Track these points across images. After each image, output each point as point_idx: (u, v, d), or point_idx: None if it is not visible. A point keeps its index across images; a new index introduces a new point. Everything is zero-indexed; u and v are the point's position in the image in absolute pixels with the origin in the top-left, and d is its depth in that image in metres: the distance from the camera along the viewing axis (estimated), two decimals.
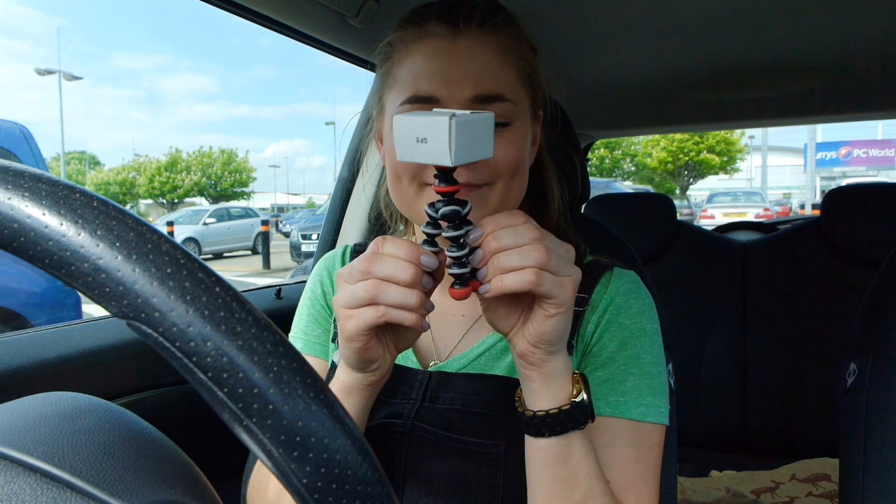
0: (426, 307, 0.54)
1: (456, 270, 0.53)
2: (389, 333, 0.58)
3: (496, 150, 0.62)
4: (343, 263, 0.83)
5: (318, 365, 0.77)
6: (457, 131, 0.49)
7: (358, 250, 0.85)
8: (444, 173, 0.53)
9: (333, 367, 0.74)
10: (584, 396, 0.55)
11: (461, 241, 0.53)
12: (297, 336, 0.79)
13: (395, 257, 0.52)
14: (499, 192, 0.65)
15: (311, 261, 1.72)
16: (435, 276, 0.55)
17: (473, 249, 0.53)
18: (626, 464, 0.63)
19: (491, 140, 0.53)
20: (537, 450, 0.56)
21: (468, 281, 0.54)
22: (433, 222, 0.55)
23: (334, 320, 0.78)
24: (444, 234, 0.54)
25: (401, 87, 0.65)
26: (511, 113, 0.64)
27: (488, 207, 0.65)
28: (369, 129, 0.79)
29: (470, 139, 0.50)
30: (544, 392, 0.55)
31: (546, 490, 0.56)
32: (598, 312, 0.69)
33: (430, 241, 0.56)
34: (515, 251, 0.50)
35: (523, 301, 0.55)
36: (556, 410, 0.55)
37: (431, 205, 0.55)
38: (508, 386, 0.66)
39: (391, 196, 0.70)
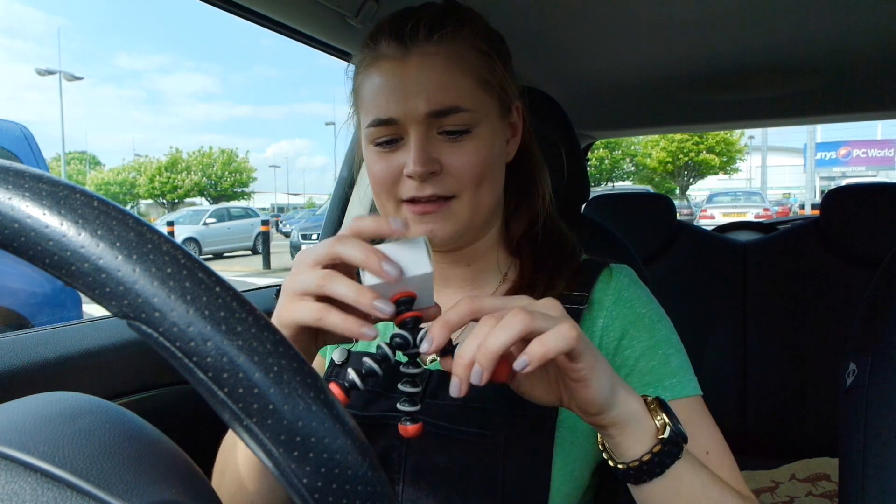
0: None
1: (408, 408, 0.51)
2: (322, 332, 0.55)
3: (458, 160, 0.64)
4: None
5: (319, 362, 0.78)
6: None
7: None
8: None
9: (332, 364, 0.75)
10: (670, 428, 0.50)
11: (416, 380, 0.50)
12: None
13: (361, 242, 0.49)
14: (467, 202, 0.66)
15: None
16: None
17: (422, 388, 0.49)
18: (710, 433, 0.64)
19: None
20: (647, 494, 0.53)
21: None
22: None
23: None
24: (404, 370, 0.51)
25: (365, 109, 0.67)
26: (469, 121, 0.64)
27: (460, 220, 0.66)
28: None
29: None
30: (628, 442, 0.51)
31: None
32: (606, 307, 0.70)
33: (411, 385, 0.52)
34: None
35: (549, 371, 0.51)
36: (648, 456, 0.50)
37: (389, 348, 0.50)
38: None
39: (377, 207, 0.72)
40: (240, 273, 12.13)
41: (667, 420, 0.50)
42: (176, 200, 33.49)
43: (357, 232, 0.50)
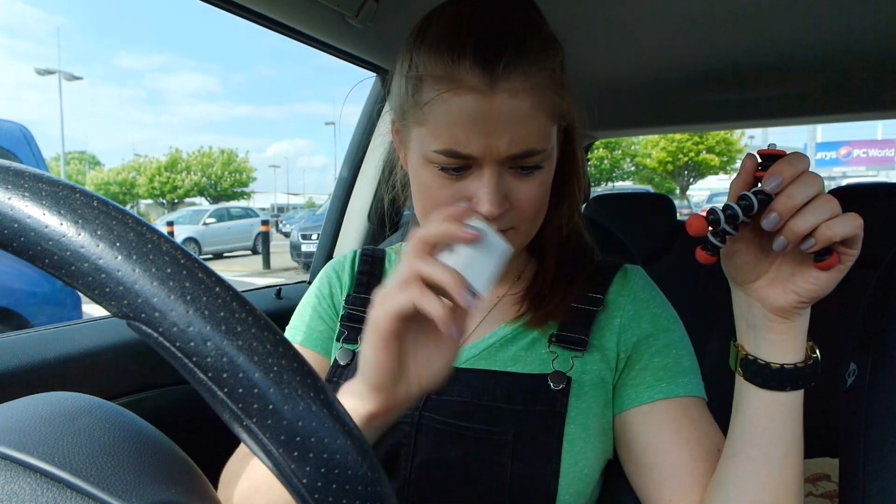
0: (461, 317, 0.50)
1: (716, 241, 0.54)
2: (419, 357, 0.52)
3: (525, 194, 0.63)
4: (352, 266, 0.83)
5: (317, 359, 0.77)
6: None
7: (366, 253, 0.84)
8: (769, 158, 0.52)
9: (336, 365, 0.74)
10: (816, 358, 0.55)
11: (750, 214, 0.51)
12: (298, 328, 0.79)
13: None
14: (523, 232, 0.66)
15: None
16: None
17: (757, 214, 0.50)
18: (719, 433, 0.65)
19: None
20: (777, 403, 0.55)
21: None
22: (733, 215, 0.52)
23: (341, 318, 0.78)
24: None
25: (435, 132, 0.61)
26: (543, 159, 0.63)
27: (513, 246, 0.66)
28: (371, 130, 0.78)
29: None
30: (790, 345, 0.54)
31: (786, 445, 0.56)
32: (623, 307, 0.71)
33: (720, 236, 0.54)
34: (809, 209, 0.48)
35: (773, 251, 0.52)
36: (802, 364, 0.54)
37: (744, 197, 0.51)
38: (516, 381, 0.67)
39: (419, 218, 0.69)
40: (240, 273, 12.13)
41: (816, 350, 0.54)
42: (176, 200, 33.49)
43: (427, 242, 0.50)
